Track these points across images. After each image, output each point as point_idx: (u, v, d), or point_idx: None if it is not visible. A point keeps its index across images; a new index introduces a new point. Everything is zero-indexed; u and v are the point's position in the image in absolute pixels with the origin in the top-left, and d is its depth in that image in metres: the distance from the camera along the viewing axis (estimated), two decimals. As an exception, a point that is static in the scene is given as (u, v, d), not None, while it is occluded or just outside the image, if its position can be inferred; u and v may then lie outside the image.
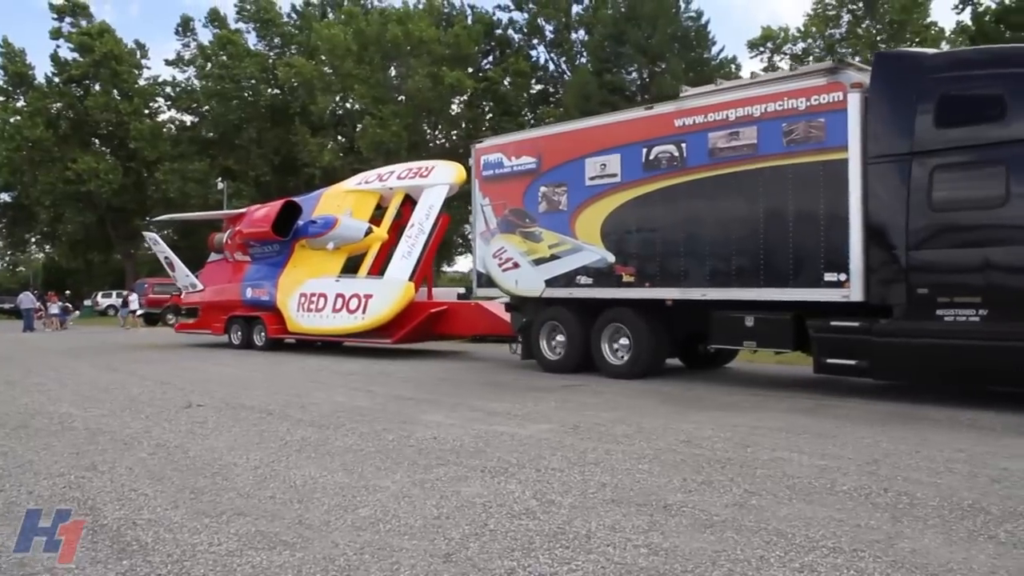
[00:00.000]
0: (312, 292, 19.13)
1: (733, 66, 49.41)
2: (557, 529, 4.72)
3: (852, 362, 9.90)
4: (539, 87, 58.29)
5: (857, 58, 13.52)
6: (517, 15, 56.88)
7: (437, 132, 55.65)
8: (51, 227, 58.85)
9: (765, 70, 54.99)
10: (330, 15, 56.53)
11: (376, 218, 19.99)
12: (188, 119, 60.05)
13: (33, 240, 70.17)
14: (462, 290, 19.58)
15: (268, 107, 55.18)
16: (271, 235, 20.26)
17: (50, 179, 51.92)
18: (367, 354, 18.53)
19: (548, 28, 56.94)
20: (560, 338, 13.57)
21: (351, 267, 20.07)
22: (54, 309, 36.88)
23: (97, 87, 54.88)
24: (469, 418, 8.92)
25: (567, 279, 13.09)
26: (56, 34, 55.04)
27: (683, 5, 46.05)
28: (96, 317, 48.69)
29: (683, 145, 11.55)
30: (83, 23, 55.34)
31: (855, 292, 9.77)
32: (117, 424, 8.74)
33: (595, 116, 15.26)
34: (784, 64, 50.79)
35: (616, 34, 44.49)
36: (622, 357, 12.62)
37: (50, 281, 65.92)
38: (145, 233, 27.43)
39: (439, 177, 19.05)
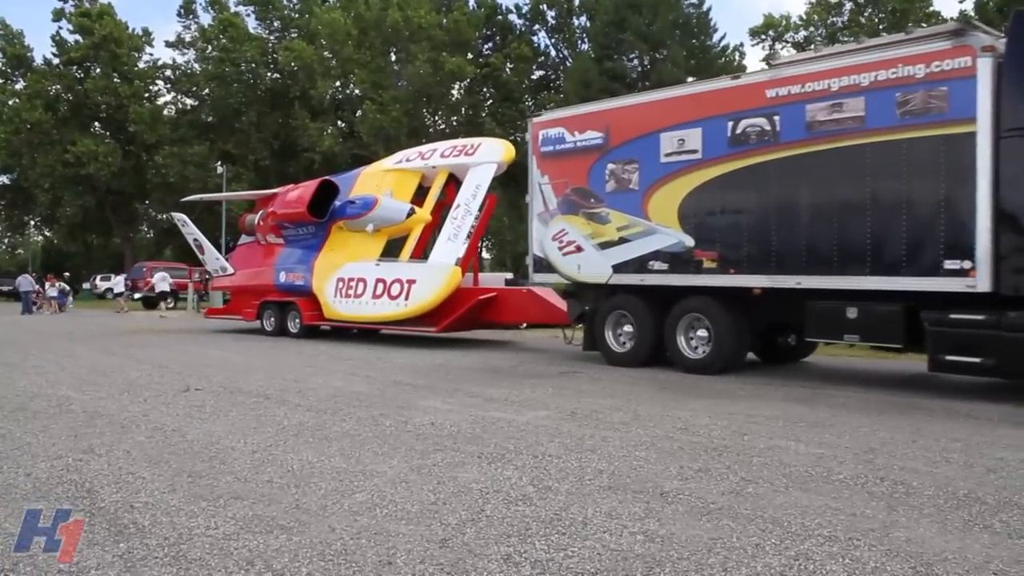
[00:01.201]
0: (350, 277, 18.16)
1: (737, 54, 49.34)
2: (553, 515, 4.73)
3: (976, 360, 8.96)
4: (540, 73, 58.19)
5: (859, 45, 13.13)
6: (520, 0, 56.73)
7: (437, 118, 55.55)
8: (50, 210, 58.74)
9: (766, 59, 54.87)
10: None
11: (417, 199, 18.91)
12: (188, 102, 59.99)
13: (32, 223, 70.31)
14: (509, 275, 18.72)
15: (268, 91, 55.06)
16: (306, 216, 19.33)
17: (49, 162, 51.84)
18: (365, 339, 18.54)
19: (550, 14, 56.84)
20: (628, 328, 12.65)
21: (390, 251, 19.09)
22: (52, 292, 36.84)
23: (97, 70, 54.72)
24: (466, 404, 8.93)
25: (638, 264, 12.14)
26: (59, 15, 54.91)
27: (684, -8, 45.90)
28: (95, 300, 48.73)
29: (776, 118, 10.56)
30: (86, 4, 55.13)
31: (982, 281, 8.78)
32: (115, 407, 8.74)
33: (672, 86, 14.18)
34: (786, 52, 50.52)
35: (617, 21, 44.35)
36: (700, 350, 11.70)
37: (49, 264, 65.95)
38: (174, 214, 26.03)
39: (486, 155, 17.89)
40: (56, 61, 55.18)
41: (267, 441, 6.86)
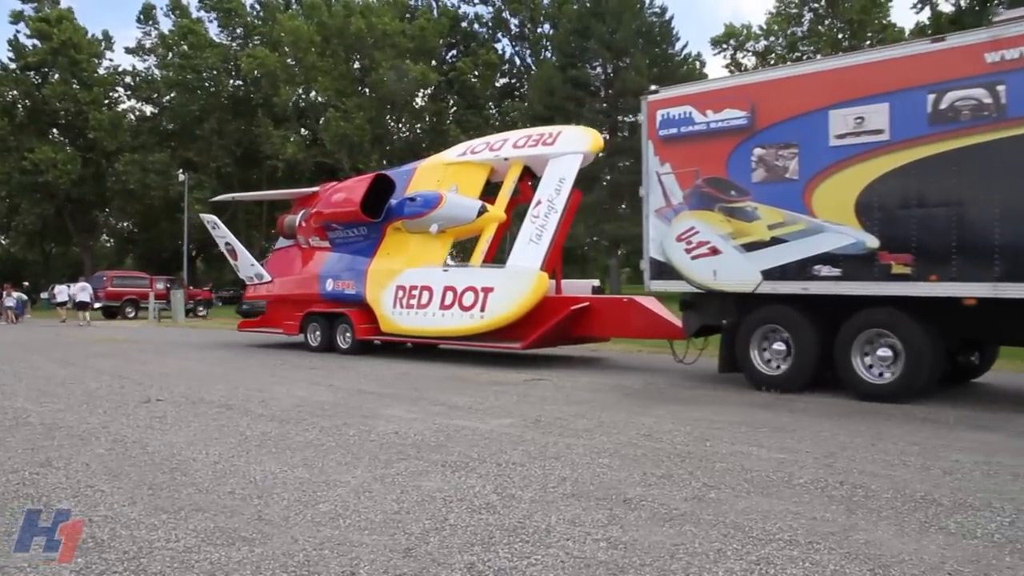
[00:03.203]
0: (412, 285, 15.82)
1: (697, 63, 49.89)
2: (517, 523, 4.73)
3: None
4: (504, 81, 58.41)
5: (818, 55, 13.04)
6: (483, 9, 56.95)
7: (401, 125, 55.53)
8: (7, 218, 57.98)
9: (728, 67, 55.56)
10: (294, 6, 56.13)
11: (484, 196, 16.82)
12: (148, 109, 59.50)
13: (-11, 231, 69.07)
14: (596, 282, 16.83)
15: (230, 98, 54.78)
16: (359, 216, 16.97)
17: (6, 169, 51.16)
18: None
19: (514, 22, 57.09)
20: (778, 346, 10.58)
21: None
22: (10, 302, 36.19)
23: (56, 75, 53.99)
24: (431, 412, 8.90)
25: (798, 269, 10.07)
26: (17, 17, 54.11)
27: (647, 1, 46.37)
28: (53, 310, 47.95)
29: (1000, 88, 8.55)
30: (45, 8, 54.37)
31: None
32: (74, 419, 8.61)
33: (846, 54, 11.85)
34: (748, 61, 51.34)
35: (581, 29, 44.73)
36: (883, 373, 9.61)
37: (6, 272, 64.79)
38: (203, 216, 23.54)
39: (568, 144, 15.68)
40: (13, 66, 54.40)
41: (229, 452, 6.80)
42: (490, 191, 17.00)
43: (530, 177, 16.26)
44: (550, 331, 14.01)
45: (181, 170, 54.91)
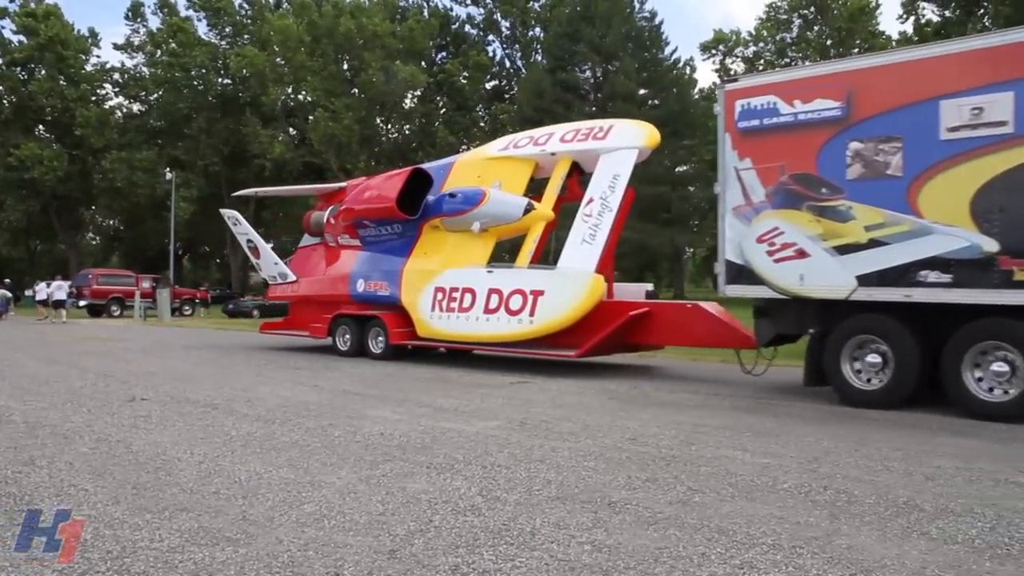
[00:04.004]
0: (453, 286, 14.86)
1: (688, 68, 50.04)
2: (502, 526, 4.74)
3: None
4: (493, 83, 58.47)
5: (807, 62, 12.87)
6: (474, 10, 57.00)
7: (390, 126, 55.51)
8: (-8, 214, 57.48)
9: (717, 71, 55.80)
10: (283, 6, 56.03)
11: (528, 193, 15.63)
12: (136, 107, 59.18)
13: (-27, 228, 68.58)
14: (650, 286, 15.67)
15: (218, 97, 54.59)
16: (395, 212, 15.93)
17: (-9, 165, 50.73)
18: (313, 349, 18.26)
19: (504, 24, 57.17)
20: (873, 359, 9.60)
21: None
22: (-6, 299, 35.95)
23: (42, 71, 53.67)
24: (416, 414, 8.90)
25: (900, 274, 9.18)
26: (2, 13, 53.77)
27: (637, 5, 46.59)
28: (36, 307, 47.63)
29: None
30: (31, 3, 54.01)
31: None
32: (58, 417, 8.57)
33: (963, 37, 11.21)
34: (737, 67, 51.58)
35: (571, 32, 44.81)
36: (999, 390, 8.69)
37: (-10, 270, 64.45)
38: (225, 212, 22.34)
39: (622, 139, 14.54)
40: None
41: (214, 452, 6.79)
42: (531, 188, 16.00)
43: (578, 173, 15.33)
44: (607, 338, 12.98)
45: (168, 168, 54.69)
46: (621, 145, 14.35)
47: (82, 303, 37.28)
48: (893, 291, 9.25)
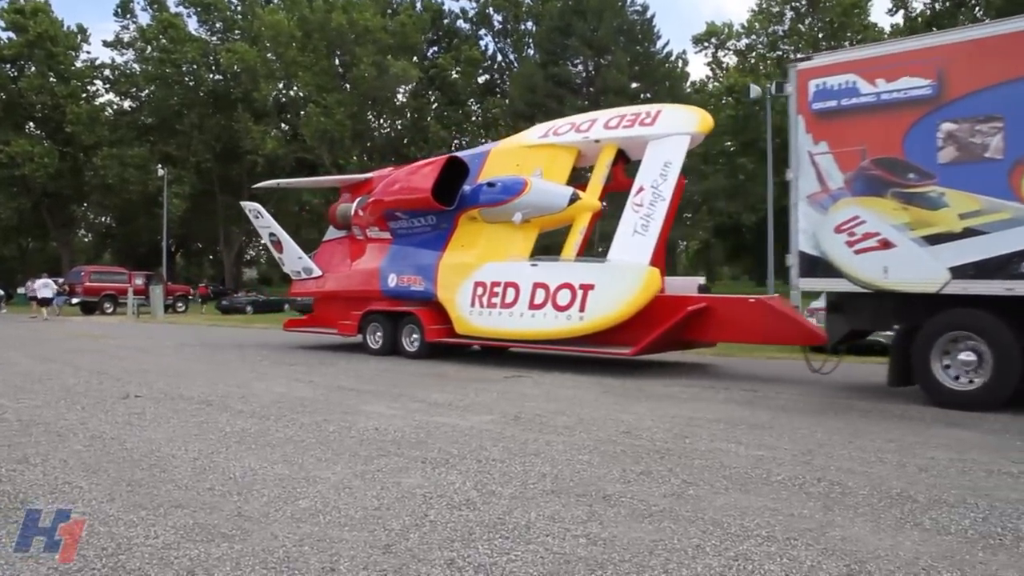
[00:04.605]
0: (494, 281, 14.11)
1: (680, 61, 50.04)
2: (497, 520, 4.75)
3: None
4: (485, 77, 58.41)
5: (799, 55, 12.62)
6: (467, 4, 56.97)
7: (382, 121, 55.41)
8: (-17, 212, 57.23)
9: (709, 65, 55.84)
10: (275, 1, 55.83)
11: (571, 182, 14.91)
12: (127, 104, 58.91)
13: (-37, 226, 68.31)
14: (702, 279, 15.18)
15: (210, 93, 54.40)
16: (430, 203, 15.11)
17: (-19, 162, 50.48)
18: (308, 344, 18.26)
19: (497, 18, 57.09)
20: (968, 356, 8.89)
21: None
22: (-14, 297, 35.85)
23: (32, 68, 53.40)
24: (411, 409, 8.91)
25: (1000, 266, 8.47)
26: (-9, 10, 53.41)
27: (629, -1, 46.46)
28: (29, 305, 47.52)
29: None
30: (20, 0, 53.72)
31: None
32: (51, 415, 8.54)
33: None
34: (729, 60, 51.68)
35: (563, 26, 44.69)
36: None
37: (-19, 268, 64.25)
38: (246, 204, 21.36)
39: (673, 125, 13.83)
40: (-13, 59, 53.79)
41: (209, 448, 6.78)
42: (573, 178, 15.31)
43: (624, 161, 14.66)
44: (664, 335, 12.23)
45: (160, 165, 54.49)
46: (671, 131, 13.70)
47: (75, 300, 37.17)
48: (992, 284, 8.55)
